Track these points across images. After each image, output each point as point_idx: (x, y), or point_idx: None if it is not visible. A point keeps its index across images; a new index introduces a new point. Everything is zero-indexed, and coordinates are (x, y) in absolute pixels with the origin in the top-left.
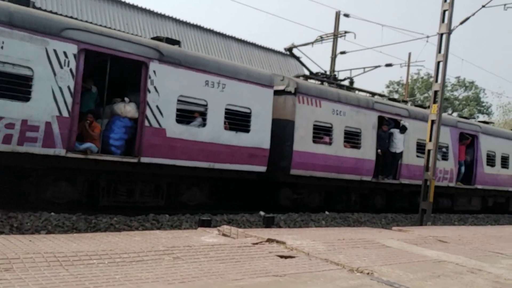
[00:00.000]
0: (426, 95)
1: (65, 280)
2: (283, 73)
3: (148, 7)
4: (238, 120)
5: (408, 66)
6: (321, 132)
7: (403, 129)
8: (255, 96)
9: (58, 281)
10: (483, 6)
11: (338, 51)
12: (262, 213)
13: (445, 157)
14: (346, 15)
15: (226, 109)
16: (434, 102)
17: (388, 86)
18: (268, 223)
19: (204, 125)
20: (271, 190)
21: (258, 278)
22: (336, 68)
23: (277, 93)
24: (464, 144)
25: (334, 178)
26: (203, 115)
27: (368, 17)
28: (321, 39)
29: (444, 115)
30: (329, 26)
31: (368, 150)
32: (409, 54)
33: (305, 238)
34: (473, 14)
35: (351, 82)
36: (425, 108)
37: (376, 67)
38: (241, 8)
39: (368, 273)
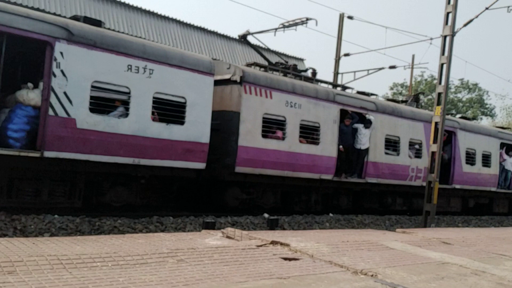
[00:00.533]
0: (429, 97)
1: (68, 283)
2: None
3: (152, 9)
4: (169, 111)
5: (412, 68)
6: (273, 126)
7: (368, 124)
8: (191, 84)
9: (62, 284)
10: (487, 8)
11: (342, 53)
12: (266, 215)
13: (418, 155)
14: (350, 17)
15: (154, 97)
16: (438, 104)
17: (392, 88)
18: (272, 225)
19: (126, 115)
20: (218, 189)
21: (262, 281)
22: (340, 70)
23: (223, 82)
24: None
25: (289, 176)
26: (126, 104)
27: (372, 19)
28: (283, 27)
29: (417, 109)
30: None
31: (328, 146)
32: (413, 56)
33: (309, 240)
34: (477, 16)
35: (314, 73)
36: (397, 102)
37: (380, 69)
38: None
39: (372, 275)
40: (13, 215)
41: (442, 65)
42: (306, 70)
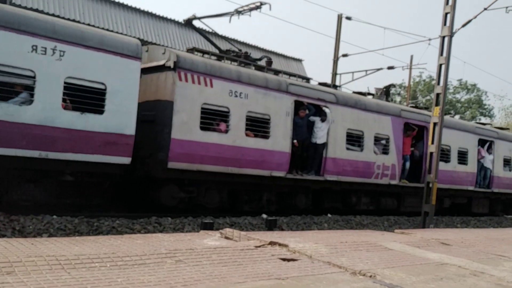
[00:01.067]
0: (428, 97)
1: (67, 284)
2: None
3: (150, 10)
4: (85, 98)
5: (410, 68)
6: (213, 118)
7: (324, 117)
8: (112, 69)
9: (60, 285)
10: (485, 9)
11: (340, 53)
12: (264, 216)
13: (385, 151)
14: (348, 18)
15: (66, 83)
16: (436, 104)
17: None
18: (271, 226)
19: (30, 102)
20: (154, 187)
21: (260, 281)
22: (338, 71)
23: (158, 69)
24: (409, 136)
25: (235, 173)
26: (30, 89)
27: (370, 20)
28: (237, 13)
29: (384, 102)
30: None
31: (279, 141)
32: (411, 57)
33: (307, 241)
34: (475, 17)
35: (269, 62)
36: (363, 94)
37: (378, 69)
38: None
39: (370, 276)
40: (12, 216)
41: (440, 65)
42: (260, 59)
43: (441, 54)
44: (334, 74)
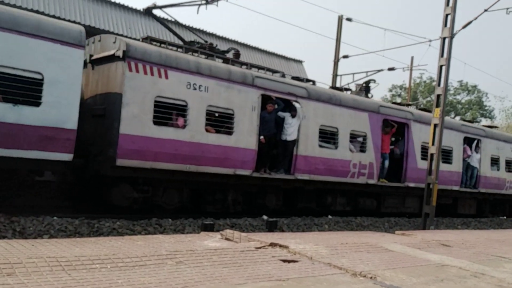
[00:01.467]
0: (428, 99)
1: (67, 285)
2: None
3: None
4: (18, 89)
5: (411, 70)
6: (169, 112)
7: (295, 112)
8: (51, 58)
9: (61, 286)
10: (486, 10)
11: (340, 55)
12: (265, 217)
13: (362, 149)
14: (349, 19)
15: None
16: (437, 106)
17: (390, 90)
18: (271, 227)
19: None
20: (106, 187)
21: (261, 283)
22: (339, 72)
23: (108, 59)
24: (389, 134)
25: (194, 172)
26: None
27: (371, 21)
28: (206, 2)
29: (361, 98)
30: None
31: (244, 137)
32: (412, 58)
33: (308, 242)
34: (476, 18)
35: (236, 54)
36: (339, 89)
37: (378, 71)
38: None
39: (371, 277)
40: (12, 217)
41: (441, 67)
42: (227, 51)
43: (442, 55)
44: (335, 75)
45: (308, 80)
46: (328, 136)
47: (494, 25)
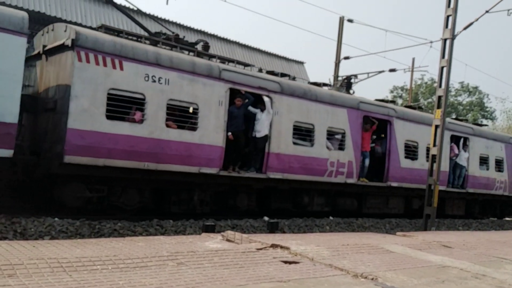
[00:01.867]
0: (430, 100)
1: (68, 286)
2: None
3: (152, 13)
4: None
5: (412, 71)
6: (124, 105)
7: (264, 107)
8: None
9: (62, 287)
10: (487, 12)
11: (342, 56)
12: (266, 218)
13: (341, 146)
14: (350, 21)
15: None
16: (438, 107)
17: (392, 91)
18: (272, 229)
19: None
20: (56, 185)
21: (262, 284)
22: (340, 73)
23: (59, 49)
24: (369, 131)
25: (155, 170)
26: None
27: (372, 22)
28: None
29: (339, 93)
30: None
31: (210, 133)
32: (413, 59)
33: (309, 244)
34: (477, 20)
35: (206, 46)
36: (317, 85)
37: (380, 72)
38: None
39: (372, 279)
40: (13, 218)
41: (442, 68)
42: (196, 43)
43: (443, 56)
44: (336, 76)
45: (284, 75)
46: (303, 133)
47: (495, 27)
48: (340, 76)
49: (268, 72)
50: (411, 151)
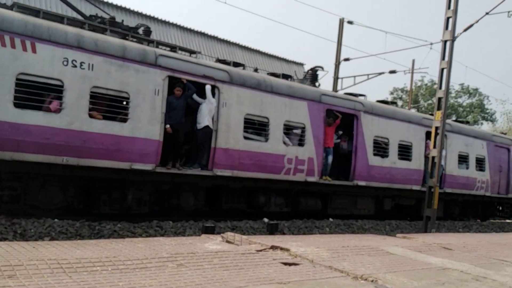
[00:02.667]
0: (430, 101)
1: (68, 287)
2: None
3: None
4: None
5: (412, 73)
6: (38, 93)
7: (205, 96)
8: None
9: None
10: (487, 13)
11: (342, 58)
12: (266, 220)
13: (300, 142)
14: (350, 22)
15: None
16: (438, 109)
17: (392, 93)
18: (272, 230)
19: None
20: None
21: (262, 285)
22: (340, 75)
23: None
24: (332, 126)
25: (77, 165)
26: None
27: (372, 24)
28: None
29: (298, 84)
30: None
31: (144, 125)
32: (413, 61)
33: (309, 245)
34: (477, 21)
35: (147, 31)
36: (276, 76)
37: (380, 73)
38: None
39: (372, 281)
40: (14, 219)
41: (442, 70)
42: (136, 28)
43: (443, 58)
44: (336, 78)
45: (238, 64)
46: (256, 127)
47: (495, 28)
48: (340, 78)
49: (219, 61)
50: (381, 148)
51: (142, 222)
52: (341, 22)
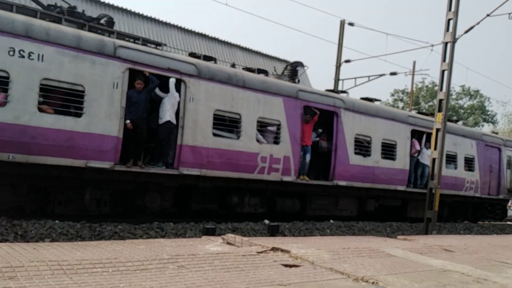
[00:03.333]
0: (431, 103)
1: None
2: None
3: (154, 16)
4: None
5: (413, 74)
6: None
7: (174, 91)
8: None
9: None
10: (488, 15)
11: (342, 59)
12: (266, 221)
13: (276, 140)
14: (351, 24)
15: None
16: (439, 110)
17: (393, 95)
18: (273, 232)
19: None
20: None
21: (262, 287)
22: (341, 77)
23: None
24: (310, 123)
25: (24, 163)
26: None
27: (373, 26)
28: None
29: (273, 79)
30: None
31: (101, 120)
32: (414, 63)
33: (310, 247)
34: (478, 23)
35: (110, 22)
36: (251, 71)
37: (381, 75)
38: None
39: (373, 283)
40: (14, 220)
41: (443, 71)
42: (98, 18)
43: (444, 60)
44: (337, 79)
45: (209, 58)
46: (226, 124)
47: (496, 30)
48: (341, 79)
49: (191, 55)
50: (362, 147)
51: (143, 223)
52: (342, 23)
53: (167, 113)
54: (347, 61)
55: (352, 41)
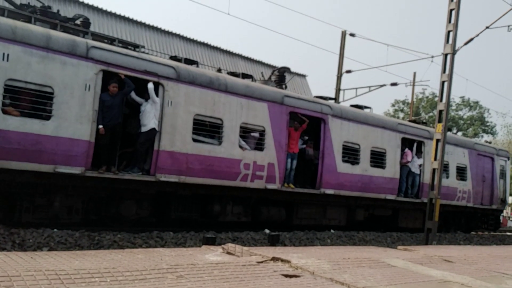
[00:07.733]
0: (431, 114)
1: None
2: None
3: (156, 25)
4: None
5: (413, 85)
6: None
7: (147, 95)
8: None
9: None
10: (487, 27)
11: (344, 70)
12: (267, 231)
13: (259, 146)
14: (352, 35)
15: None
16: (439, 121)
17: (393, 105)
18: (273, 241)
19: None
20: None
21: None
22: (342, 87)
23: None
24: (298, 130)
25: None
26: None
27: (374, 36)
28: None
29: (257, 84)
30: None
31: (71, 124)
32: (414, 74)
33: (310, 257)
34: (477, 35)
35: (85, 23)
36: (236, 75)
37: (381, 86)
38: None
39: None
40: (12, 229)
41: (443, 82)
42: (74, 18)
43: (444, 71)
44: (338, 89)
45: (191, 62)
46: (207, 129)
47: (496, 42)
48: (342, 89)
49: (172, 58)
50: (351, 155)
51: (142, 232)
52: (343, 34)
53: (151, 121)
54: (348, 71)
55: (353, 52)
